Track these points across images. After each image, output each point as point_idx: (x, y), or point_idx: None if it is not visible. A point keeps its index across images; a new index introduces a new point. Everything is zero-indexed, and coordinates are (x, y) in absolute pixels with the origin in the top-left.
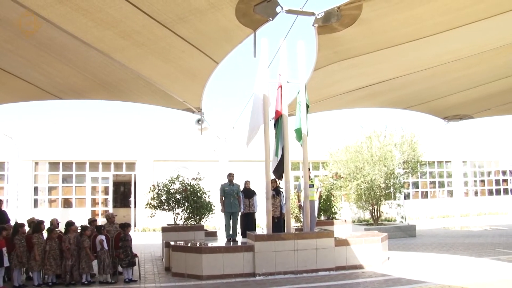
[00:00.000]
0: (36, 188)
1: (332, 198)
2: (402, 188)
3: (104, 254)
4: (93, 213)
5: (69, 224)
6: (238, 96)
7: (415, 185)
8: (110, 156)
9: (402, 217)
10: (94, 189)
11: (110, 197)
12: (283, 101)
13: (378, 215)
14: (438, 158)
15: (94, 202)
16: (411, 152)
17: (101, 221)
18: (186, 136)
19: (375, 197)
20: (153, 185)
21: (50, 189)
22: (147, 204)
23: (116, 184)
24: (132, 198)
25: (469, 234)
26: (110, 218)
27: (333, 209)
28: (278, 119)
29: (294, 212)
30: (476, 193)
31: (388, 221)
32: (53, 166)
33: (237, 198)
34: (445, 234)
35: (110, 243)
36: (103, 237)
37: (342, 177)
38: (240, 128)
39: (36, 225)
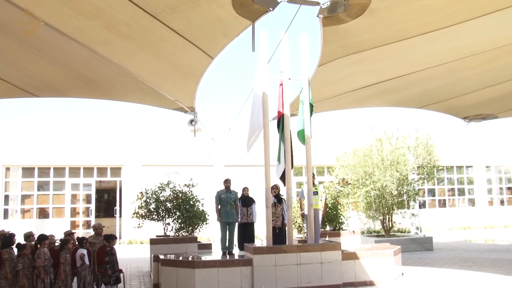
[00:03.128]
0: (6, 197)
1: (338, 207)
2: (416, 195)
3: (85, 271)
4: (73, 224)
5: (42, 238)
6: (235, 94)
7: (432, 192)
8: (92, 160)
9: (417, 228)
10: (74, 197)
11: (92, 206)
12: (284, 100)
13: (390, 225)
14: (457, 163)
15: (74, 212)
16: (427, 155)
17: (82, 233)
18: (178, 139)
19: (386, 205)
20: (141, 193)
21: (24, 197)
22: (134, 214)
23: (100, 192)
24: (117, 207)
25: (495, 248)
26: (97, 229)
27: (339, 219)
28: (281, 120)
29: (296, 222)
30: (502, 202)
31: (401, 232)
32: (27, 171)
33: (234, 207)
34: (467, 248)
35: (92, 257)
36: (84, 251)
37: (350, 184)
38: (237, 130)
39: (6, 238)
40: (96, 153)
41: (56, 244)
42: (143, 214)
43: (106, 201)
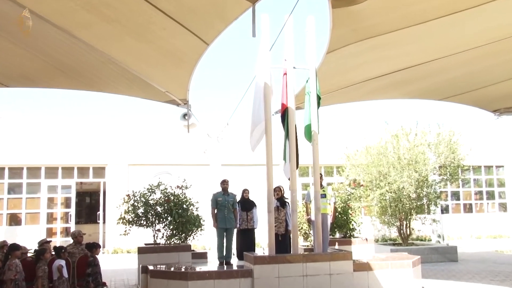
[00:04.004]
0: None
1: (349, 211)
2: (438, 199)
3: (63, 284)
4: (50, 231)
5: (13, 248)
6: (233, 86)
7: (456, 195)
8: (72, 159)
9: (439, 236)
10: (51, 201)
11: (72, 210)
12: (288, 91)
13: (408, 232)
14: (486, 162)
15: (51, 218)
16: (450, 154)
17: (59, 241)
18: (170, 135)
19: (403, 210)
20: (128, 195)
21: None
22: (119, 219)
23: (81, 195)
24: (100, 212)
25: None
26: (76, 237)
27: (350, 225)
28: (285, 114)
29: (302, 228)
30: None
31: (421, 240)
32: None
33: (232, 211)
34: (498, 260)
35: (72, 269)
36: (63, 262)
37: (362, 185)
38: (236, 125)
39: None
40: (77, 150)
41: (29, 254)
42: (130, 219)
43: (88, 205)
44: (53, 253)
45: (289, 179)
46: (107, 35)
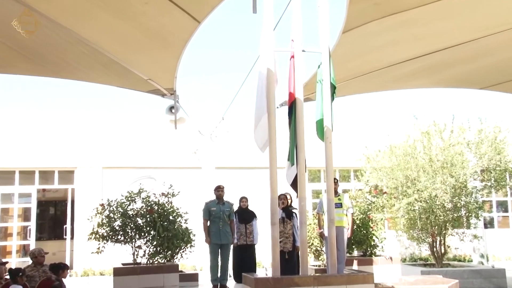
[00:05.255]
0: None
1: (370, 224)
2: (480, 210)
3: None
4: (3, 250)
5: None
6: (230, 73)
7: (503, 206)
8: (33, 162)
9: (482, 256)
10: (5, 212)
11: (32, 224)
12: (296, 79)
13: (443, 251)
14: None
15: (5, 233)
16: (495, 155)
17: (16, 262)
18: (153, 132)
19: (436, 223)
20: (102, 205)
21: None
22: (91, 234)
23: (43, 204)
24: (67, 225)
25: None
26: (37, 257)
27: (371, 241)
28: (293, 106)
29: (312, 244)
30: None
31: (459, 260)
32: None
33: (228, 224)
34: None
35: None
36: None
37: (385, 193)
38: (233, 120)
39: None
40: (38, 150)
41: None
42: (105, 234)
43: (52, 217)
44: (8, 277)
45: (291, 186)
46: (76, 10)
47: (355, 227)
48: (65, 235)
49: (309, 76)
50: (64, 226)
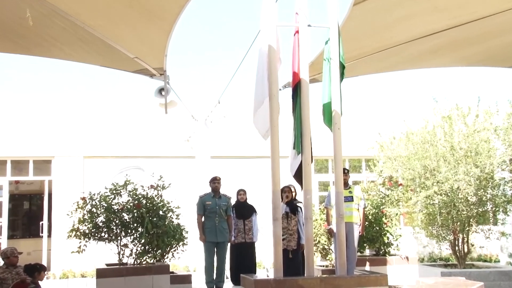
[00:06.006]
0: None
1: (383, 220)
2: (508, 204)
3: None
4: None
5: None
6: (227, 50)
7: None
8: (4, 150)
9: (511, 255)
10: None
11: (4, 220)
12: (301, 57)
13: (466, 249)
14: None
15: None
16: None
17: None
18: (141, 117)
19: (459, 219)
20: (83, 198)
21: None
22: (71, 231)
23: (16, 198)
24: (44, 222)
25: None
26: (9, 257)
27: (385, 238)
28: (297, 88)
29: (319, 242)
30: None
31: (485, 261)
32: None
33: (225, 219)
34: None
35: None
36: None
37: (401, 185)
38: (230, 103)
39: None
40: (11, 138)
41: None
42: (87, 231)
43: (27, 212)
44: None
45: (294, 177)
46: None
47: (366, 223)
48: (42, 232)
49: (316, 54)
50: (40, 223)
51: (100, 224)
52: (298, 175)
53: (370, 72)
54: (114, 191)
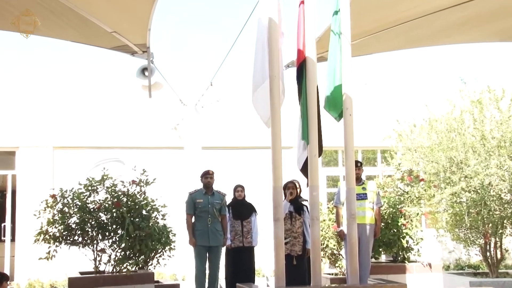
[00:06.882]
0: None
1: (402, 221)
2: None
3: None
4: None
5: None
6: (220, 23)
7: None
8: None
9: None
10: None
11: None
12: (307, 32)
13: (499, 255)
14: None
15: None
16: None
17: None
18: (120, 102)
19: (491, 220)
20: (53, 196)
21: None
22: (39, 234)
23: None
24: (7, 223)
25: None
26: None
27: (404, 242)
28: (303, 67)
29: (328, 246)
30: None
31: None
32: None
33: (219, 220)
34: None
35: None
36: None
37: (423, 180)
38: (225, 85)
39: None
40: None
41: None
42: (57, 234)
43: None
44: None
45: (301, 171)
46: None
47: (382, 224)
48: (4, 235)
49: (324, 28)
50: (3, 224)
51: (73, 225)
52: (306, 170)
53: (386, 50)
54: (90, 188)
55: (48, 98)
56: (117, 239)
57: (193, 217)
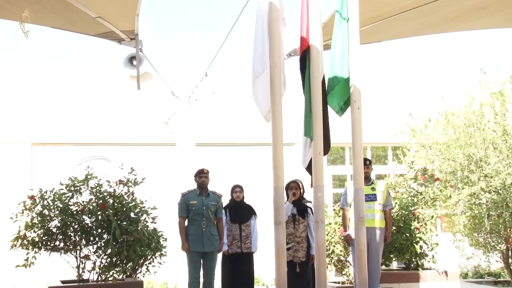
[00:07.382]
0: None
1: (415, 224)
2: None
3: None
4: None
5: None
6: (216, 9)
7: None
8: None
9: None
10: None
11: None
12: (311, 18)
13: None
14: None
15: None
16: None
17: None
18: (106, 94)
19: None
20: (32, 197)
21: None
22: (16, 239)
23: None
24: None
25: None
26: None
27: (417, 247)
28: (306, 56)
29: (333, 252)
30: None
31: None
32: None
33: (214, 223)
34: None
35: None
36: None
37: (438, 179)
38: (221, 76)
39: None
40: None
41: None
42: (37, 239)
43: None
44: None
45: (307, 169)
46: None
47: (394, 228)
48: None
49: (330, 14)
50: None
51: (54, 230)
52: (311, 168)
53: (398, 37)
54: (72, 188)
55: (25, 90)
56: (103, 244)
57: (186, 220)
